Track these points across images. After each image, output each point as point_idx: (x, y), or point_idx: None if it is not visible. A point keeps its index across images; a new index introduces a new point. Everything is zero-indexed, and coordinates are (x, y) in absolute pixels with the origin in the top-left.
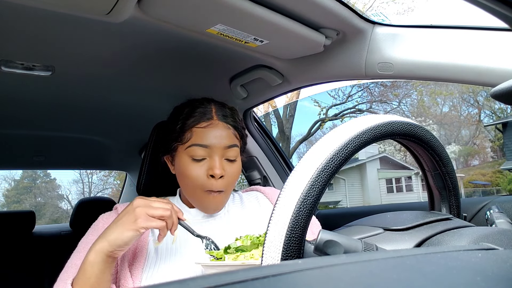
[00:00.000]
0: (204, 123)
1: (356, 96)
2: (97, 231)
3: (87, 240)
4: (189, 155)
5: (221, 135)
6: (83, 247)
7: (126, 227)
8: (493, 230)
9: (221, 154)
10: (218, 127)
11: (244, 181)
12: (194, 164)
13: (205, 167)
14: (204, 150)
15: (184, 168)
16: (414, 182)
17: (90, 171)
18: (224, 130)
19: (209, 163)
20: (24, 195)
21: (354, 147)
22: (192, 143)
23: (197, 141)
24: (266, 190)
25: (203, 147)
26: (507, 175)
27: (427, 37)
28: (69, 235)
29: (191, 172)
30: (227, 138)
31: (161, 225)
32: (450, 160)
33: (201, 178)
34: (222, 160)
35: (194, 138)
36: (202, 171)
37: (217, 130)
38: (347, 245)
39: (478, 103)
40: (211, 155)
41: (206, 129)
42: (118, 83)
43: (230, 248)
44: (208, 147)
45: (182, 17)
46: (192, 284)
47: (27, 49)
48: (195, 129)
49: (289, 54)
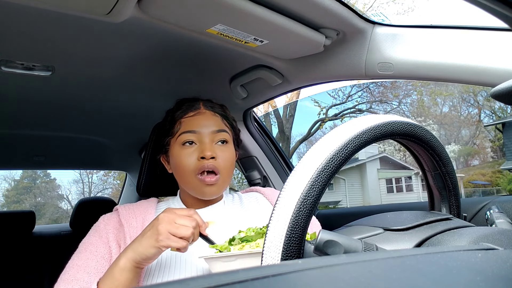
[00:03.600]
0: (191, 112)
1: (356, 96)
2: (99, 232)
3: (89, 241)
4: (179, 143)
5: (208, 121)
6: (85, 248)
7: (149, 243)
8: (493, 230)
9: (211, 138)
10: (205, 114)
11: (244, 181)
12: (185, 149)
13: (196, 152)
14: (193, 135)
15: (176, 157)
16: (414, 182)
17: (90, 171)
18: (211, 116)
19: (199, 147)
20: (24, 195)
21: (354, 147)
22: (181, 131)
23: (185, 128)
24: (266, 191)
25: (192, 133)
26: (507, 175)
27: (427, 37)
28: (69, 235)
29: (183, 158)
30: (214, 123)
31: (181, 245)
32: (450, 160)
33: (193, 162)
34: (212, 144)
35: (183, 127)
36: (193, 157)
37: (204, 116)
38: (347, 245)
39: (478, 103)
40: (200, 140)
41: (194, 117)
42: (118, 83)
43: (235, 240)
44: (196, 132)
45: (182, 17)
46: (192, 284)
47: (27, 49)
48: (183, 119)
49: (289, 54)
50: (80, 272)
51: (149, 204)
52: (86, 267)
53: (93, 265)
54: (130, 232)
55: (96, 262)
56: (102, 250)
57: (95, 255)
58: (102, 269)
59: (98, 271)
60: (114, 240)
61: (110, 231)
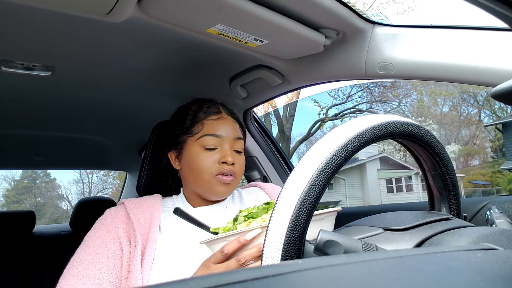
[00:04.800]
0: (214, 116)
1: (356, 96)
2: (106, 226)
3: (96, 235)
4: (201, 145)
5: (230, 127)
6: (92, 243)
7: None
8: (493, 230)
9: (231, 144)
10: (227, 120)
11: (244, 181)
12: (206, 152)
13: (216, 156)
14: (216, 139)
15: (195, 157)
16: (414, 182)
17: (90, 171)
18: (232, 123)
19: (220, 152)
20: (24, 195)
21: (354, 147)
22: (204, 133)
23: (209, 131)
24: (266, 186)
25: (215, 137)
26: (507, 175)
27: (427, 37)
28: (69, 235)
29: (203, 160)
30: (235, 130)
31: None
32: (450, 160)
33: (212, 165)
34: (231, 150)
35: (206, 129)
36: (213, 159)
37: (226, 122)
38: (347, 245)
39: (478, 103)
40: (222, 145)
41: (217, 121)
42: (118, 83)
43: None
44: (219, 137)
45: (182, 17)
46: (192, 284)
47: (27, 49)
48: (206, 121)
49: (289, 54)
50: (91, 268)
51: (155, 200)
52: (96, 263)
53: (104, 261)
54: (139, 228)
55: (107, 259)
56: (113, 246)
57: (105, 251)
58: (114, 266)
59: (110, 268)
60: (125, 236)
61: (119, 226)
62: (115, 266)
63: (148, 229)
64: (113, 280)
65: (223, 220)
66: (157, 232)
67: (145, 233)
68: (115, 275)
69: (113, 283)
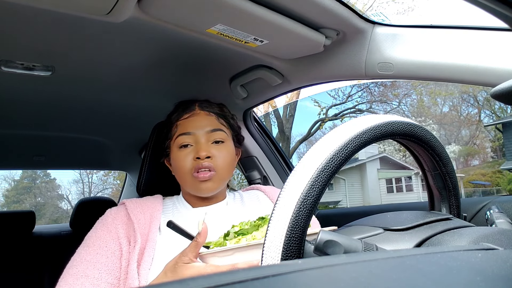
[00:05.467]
0: (186, 114)
1: (356, 96)
2: (107, 226)
3: (96, 235)
4: (177, 146)
5: (203, 122)
6: (93, 242)
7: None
8: (493, 230)
9: (206, 138)
10: (199, 115)
11: (244, 181)
12: (182, 151)
13: (193, 153)
14: (189, 137)
15: (174, 159)
16: (414, 182)
17: (90, 171)
18: (205, 117)
19: (195, 148)
20: (24, 195)
21: (354, 147)
22: (177, 134)
23: (181, 130)
24: (267, 189)
25: (187, 135)
26: (507, 175)
27: (427, 37)
28: (69, 235)
29: (179, 159)
30: (209, 123)
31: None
32: (450, 160)
33: (189, 162)
34: (208, 144)
35: (179, 129)
36: (189, 157)
37: (198, 117)
38: (347, 245)
39: (478, 103)
40: (196, 141)
41: (188, 119)
42: (118, 83)
43: (230, 234)
44: (191, 134)
45: (182, 17)
46: (192, 284)
47: (27, 49)
48: (179, 122)
49: (289, 54)
50: (90, 268)
51: (156, 200)
52: (96, 263)
53: (103, 261)
54: (140, 228)
55: (106, 258)
56: (112, 246)
57: (105, 251)
58: (113, 266)
59: (108, 268)
60: (125, 236)
61: (119, 226)
62: (114, 266)
63: (148, 230)
64: (111, 281)
65: (224, 219)
66: (157, 232)
67: (145, 233)
68: (114, 275)
69: (111, 283)
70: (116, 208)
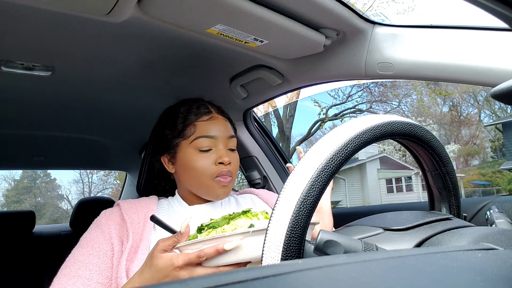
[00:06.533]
0: (206, 116)
1: (356, 96)
2: (100, 227)
3: (90, 236)
4: (195, 148)
5: (223, 127)
6: (86, 243)
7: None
8: (493, 230)
9: (225, 144)
10: (218, 119)
11: (244, 181)
12: (201, 155)
13: (213, 157)
14: (210, 140)
15: (191, 160)
16: (414, 182)
17: (90, 171)
18: (224, 122)
19: (216, 153)
20: (24, 195)
21: (354, 147)
22: (197, 135)
23: (202, 133)
24: (260, 192)
25: (209, 138)
26: (507, 175)
27: (427, 37)
28: (69, 235)
29: (199, 162)
30: (228, 129)
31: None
32: (450, 160)
33: (210, 167)
34: (226, 149)
35: (199, 131)
36: (210, 161)
37: (218, 121)
38: (347, 245)
39: (478, 103)
40: (216, 145)
41: (209, 122)
42: (118, 83)
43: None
44: (213, 138)
45: (182, 17)
46: (192, 284)
47: (27, 49)
48: (198, 123)
49: (289, 54)
50: (82, 269)
51: (151, 201)
52: (88, 263)
53: (95, 262)
54: (133, 227)
55: (98, 259)
56: (104, 247)
57: (97, 252)
58: (104, 266)
59: (100, 268)
60: (117, 236)
61: (112, 227)
62: (105, 266)
63: (142, 229)
64: (101, 280)
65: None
66: (151, 231)
67: (139, 232)
68: (105, 275)
69: (102, 283)
70: (110, 209)
